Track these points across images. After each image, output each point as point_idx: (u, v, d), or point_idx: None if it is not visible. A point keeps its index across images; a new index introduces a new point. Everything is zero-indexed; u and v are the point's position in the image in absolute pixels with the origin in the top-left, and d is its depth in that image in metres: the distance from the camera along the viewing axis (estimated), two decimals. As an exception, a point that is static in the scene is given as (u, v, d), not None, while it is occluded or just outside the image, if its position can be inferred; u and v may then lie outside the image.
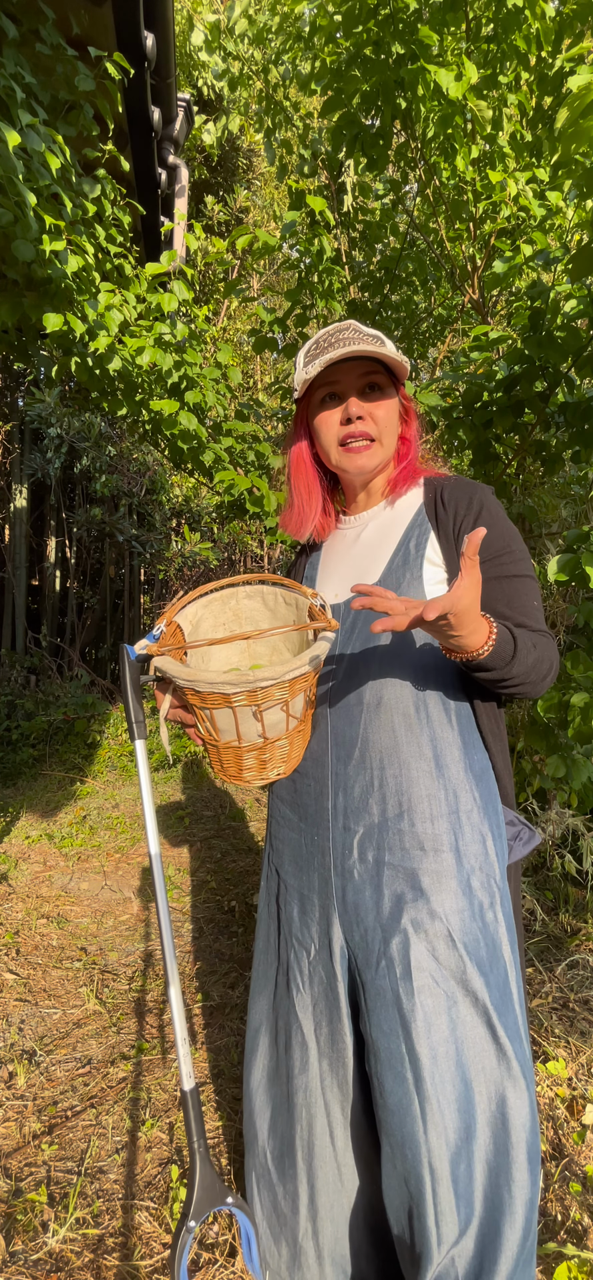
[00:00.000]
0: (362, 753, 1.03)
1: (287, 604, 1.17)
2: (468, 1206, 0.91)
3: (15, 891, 2.91)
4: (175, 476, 6.94)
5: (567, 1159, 1.54)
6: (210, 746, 1.01)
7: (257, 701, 0.92)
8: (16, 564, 6.36)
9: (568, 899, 2.64)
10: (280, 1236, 1.12)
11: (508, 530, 1.07)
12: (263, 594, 1.19)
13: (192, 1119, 1.01)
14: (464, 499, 1.08)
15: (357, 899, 1.02)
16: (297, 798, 1.13)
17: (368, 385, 1.10)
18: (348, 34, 2.26)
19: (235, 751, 0.98)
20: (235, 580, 1.18)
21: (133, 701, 1.05)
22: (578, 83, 1.44)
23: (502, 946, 0.99)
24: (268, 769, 1.02)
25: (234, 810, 3.94)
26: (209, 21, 3.03)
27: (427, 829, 0.99)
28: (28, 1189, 1.46)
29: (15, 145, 1.70)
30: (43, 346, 2.70)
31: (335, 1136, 1.07)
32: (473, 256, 2.69)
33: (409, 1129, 0.92)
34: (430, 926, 0.96)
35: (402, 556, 1.08)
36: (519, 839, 1.08)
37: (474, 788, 1.02)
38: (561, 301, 2.02)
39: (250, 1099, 1.18)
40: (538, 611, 1.05)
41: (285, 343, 3.08)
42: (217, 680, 0.89)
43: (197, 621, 1.15)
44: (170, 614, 1.09)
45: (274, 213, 8.15)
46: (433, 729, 1.02)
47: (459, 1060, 0.94)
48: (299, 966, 1.10)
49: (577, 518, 2.84)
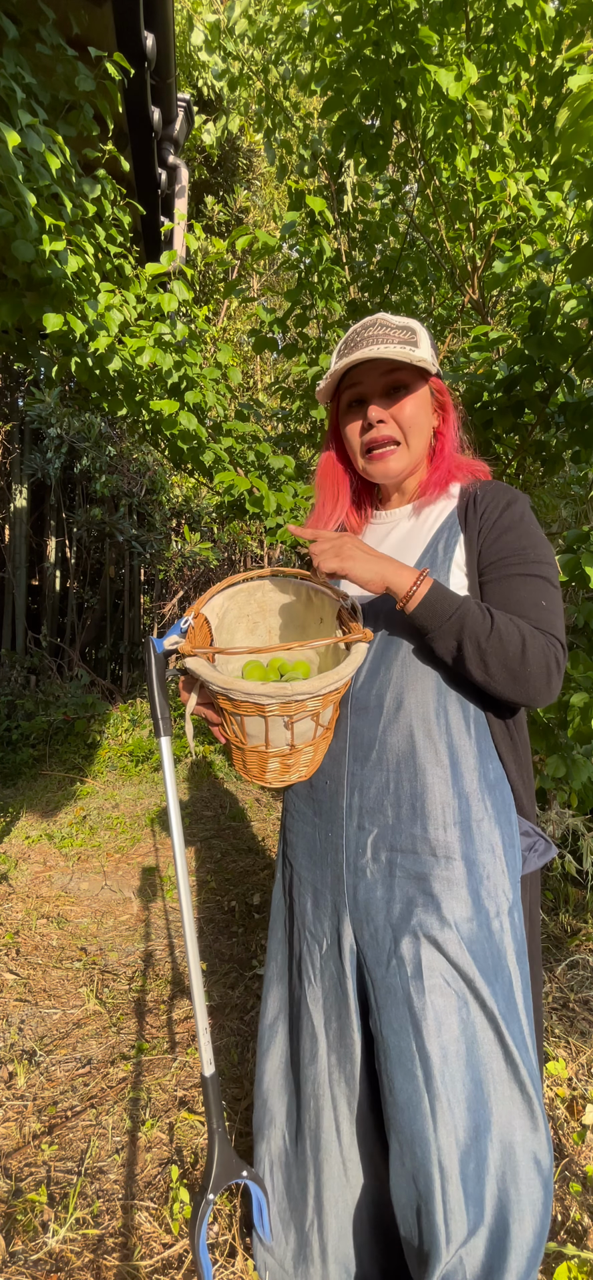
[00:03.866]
0: (379, 755, 1.03)
1: (312, 601, 1.14)
2: (477, 1206, 0.91)
3: (15, 891, 2.91)
4: (175, 476, 6.94)
5: (567, 1159, 1.54)
6: (235, 748, 1.00)
7: (290, 713, 0.91)
8: (16, 564, 6.36)
9: (568, 899, 2.64)
10: (290, 1223, 1.13)
11: (529, 534, 1.02)
12: (289, 588, 1.16)
13: (211, 1102, 1.08)
14: (494, 500, 1.05)
15: (368, 897, 1.02)
16: (312, 793, 1.13)
17: (391, 386, 1.05)
18: (348, 34, 2.26)
19: (261, 755, 0.97)
20: (264, 572, 1.14)
21: (159, 697, 1.03)
22: (578, 83, 1.44)
23: (506, 956, 0.99)
24: (291, 773, 1.01)
25: (234, 810, 3.94)
26: (209, 21, 3.03)
27: (439, 836, 0.99)
28: (28, 1189, 1.46)
29: (15, 145, 1.70)
30: (43, 346, 2.70)
31: (341, 1132, 1.08)
32: (473, 256, 2.69)
33: (419, 1126, 0.92)
34: (440, 932, 0.96)
35: (429, 559, 1.05)
36: (535, 850, 1.07)
37: (487, 797, 1.02)
38: (561, 301, 2.02)
39: (268, 1083, 1.19)
40: (545, 612, 0.97)
41: (285, 343, 3.08)
42: (252, 690, 0.87)
43: (222, 613, 1.12)
44: (198, 606, 1.06)
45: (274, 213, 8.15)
46: (451, 736, 1.01)
47: (469, 1060, 0.94)
48: (311, 959, 1.11)
49: (577, 518, 2.84)
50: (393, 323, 1.06)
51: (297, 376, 3.03)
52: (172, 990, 2.19)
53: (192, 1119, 1.65)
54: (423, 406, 1.07)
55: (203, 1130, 1.62)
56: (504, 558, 1.01)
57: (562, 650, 0.96)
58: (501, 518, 1.03)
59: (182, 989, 2.19)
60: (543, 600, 0.98)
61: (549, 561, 1.01)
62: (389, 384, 1.05)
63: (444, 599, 0.94)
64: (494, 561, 1.01)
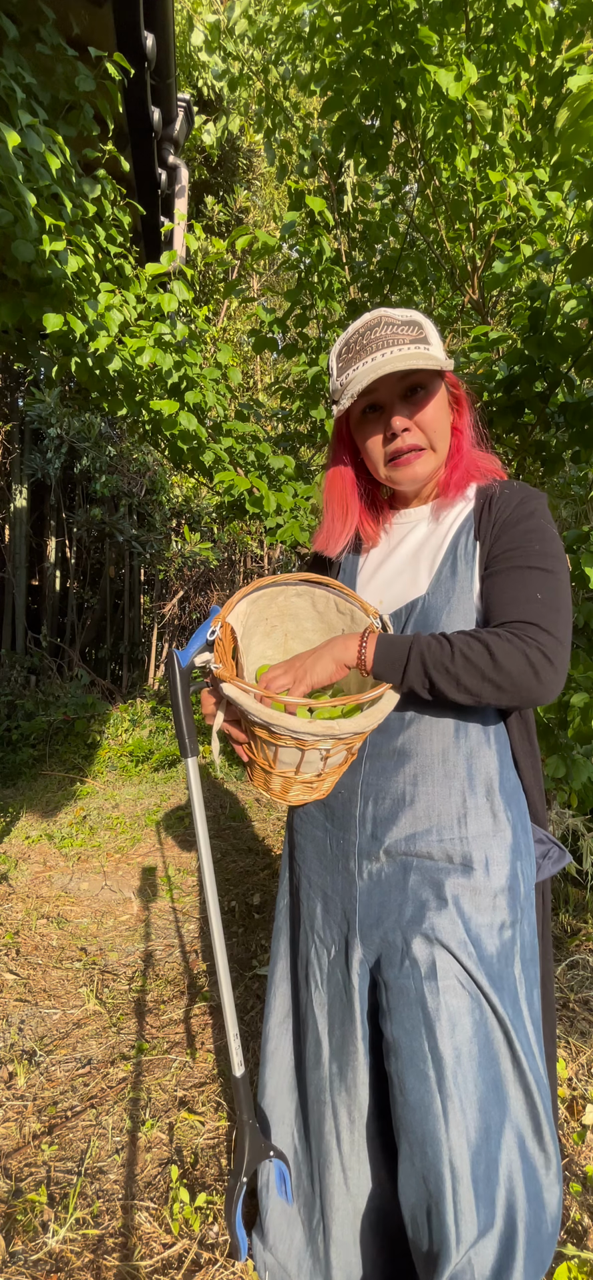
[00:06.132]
0: (397, 766, 1.02)
1: (340, 612, 1.09)
2: (488, 1208, 0.91)
3: (15, 891, 2.91)
4: (175, 476, 6.94)
5: (567, 1159, 1.54)
6: (260, 770, 0.97)
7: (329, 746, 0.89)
8: (16, 564, 6.36)
9: (568, 899, 2.64)
10: (297, 1219, 1.14)
11: (537, 529, 0.98)
12: (314, 596, 1.10)
13: (242, 1098, 1.14)
14: (509, 501, 1.01)
15: (383, 899, 1.02)
16: (326, 798, 1.11)
17: (409, 388, 1.00)
18: (348, 34, 2.26)
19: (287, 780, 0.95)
20: (289, 578, 1.09)
21: (185, 715, 0.98)
22: (578, 83, 1.44)
23: (514, 963, 0.99)
24: (314, 794, 0.99)
25: (234, 810, 3.94)
26: (209, 22, 3.03)
27: (455, 845, 0.98)
28: (28, 1189, 1.46)
29: (15, 145, 1.70)
30: (43, 346, 2.70)
31: (341, 1140, 1.07)
32: (473, 257, 2.69)
33: (430, 1127, 0.92)
34: (453, 935, 0.96)
35: (450, 567, 1.02)
36: (549, 857, 1.07)
37: (505, 807, 1.01)
38: (561, 301, 2.03)
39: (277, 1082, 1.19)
40: (534, 605, 0.93)
41: (285, 343, 3.08)
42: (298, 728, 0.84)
43: (246, 619, 1.08)
44: (224, 614, 1.01)
45: (274, 213, 8.16)
46: (471, 748, 1.00)
47: (482, 1061, 0.94)
48: (319, 963, 1.11)
49: (577, 518, 2.84)
50: (397, 319, 1.00)
51: (297, 376, 3.03)
52: (172, 990, 2.19)
53: (192, 1119, 1.65)
54: (442, 406, 1.03)
55: (203, 1130, 1.63)
56: (506, 552, 0.98)
57: (551, 638, 0.91)
58: (511, 514, 1.00)
59: (182, 989, 2.19)
60: (538, 593, 0.94)
61: (554, 554, 0.97)
62: (407, 387, 1.00)
63: (393, 646, 0.93)
64: (497, 556, 0.99)
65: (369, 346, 0.98)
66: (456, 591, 1.00)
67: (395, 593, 1.07)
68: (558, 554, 0.98)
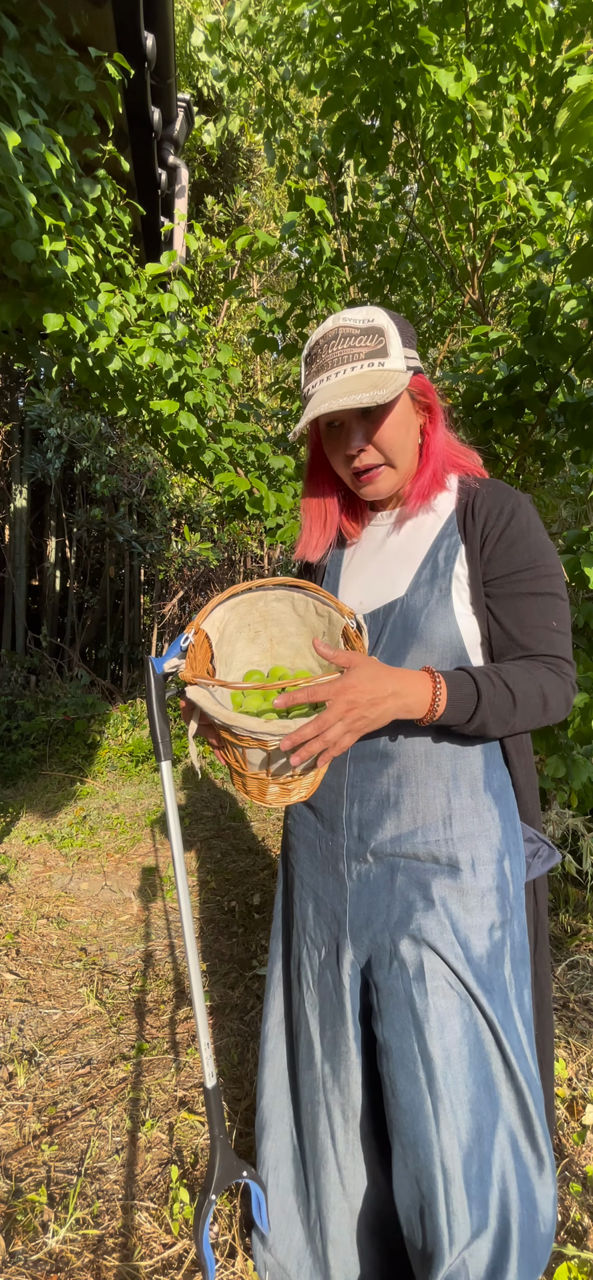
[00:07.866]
0: (380, 767, 1.02)
1: (318, 615, 1.08)
2: (481, 1209, 0.91)
3: (15, 891, 2.91)
4: (175, 477, 6.95)
5: (567, 1159, 1.54)
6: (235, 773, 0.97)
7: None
8: (16, 564, 6.36)
9: (568, 899, 2.64)
10: (296, 1217, 1.14)
11: (537, 544, 0.98)
12: (293, 599, 1.10)
13: (213, 1110, 1.12)
14: (496, 507, 1.00)
15: (371, 900, 1.02)
16: (314, 801, 1.12)
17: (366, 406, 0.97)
18: (348, 35, 2.27)
19: (261, 781, 0.95)
20: (267, 582, 1.08)
21: (159, 721, 0.99)
22: (578, 83, 1.44)
23: (504, 963, 0.99)
24: (292, 795, 0.98)
25: (234, 811, 3.94)
26: (209, 22, 3.03)
27: (441, 848, 0.98)
28: (28, 1189, 1.46)
29: (15, 145, 1.70)
30: (43, 346, 2.70)
31: (336, 1140, 1.08)
32: (473, 257, 2.69)
33: (422, 1129, 0.92)
34: (440, 936, 0.96)
35: (430, 570, 1.01)
36: (538, 856, 1.07)
37: (492, 806, 1.01)
38: (561, 302, 2.03)
39: (275, 1083, 1.19)
40: (556, 636, 0.96)
41: (285, 343, 3.08)
42: (255, 729, 0.84)
43: (223, 626, 1.07)
44: (198, 621, 1.00)
45: (274, 213, 8.16)
46: (454, 748, 1.00)
47: (472, 1062, 0.94)
48: (310, 964, 1.11)
49: (577, 518, 2.85)
50: (356, 327, 0.96)
51: (297, 376, 3.03)
52: (172, 990, 2.19)
53: (192, 1119, 1.65)
54: (403, 418, 1.00)
55: (203, 1130, 1.63)
56: (513, 573, 0.97)
57: (573, 668, 0.97)
58: (507, 528, 0.98)
59: (182, 990, 2.19)
60: (554, 621, 0.96)
61: (558, 572, 0.98)
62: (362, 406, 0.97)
63: (462, 699, 0.91)
64: (502, 577, 0.98)
65: (325, 365, 0.96)
66: (434, 595, 0.99)
67: (375, 594, 1.06)
68: (560, 570, 1.00)
